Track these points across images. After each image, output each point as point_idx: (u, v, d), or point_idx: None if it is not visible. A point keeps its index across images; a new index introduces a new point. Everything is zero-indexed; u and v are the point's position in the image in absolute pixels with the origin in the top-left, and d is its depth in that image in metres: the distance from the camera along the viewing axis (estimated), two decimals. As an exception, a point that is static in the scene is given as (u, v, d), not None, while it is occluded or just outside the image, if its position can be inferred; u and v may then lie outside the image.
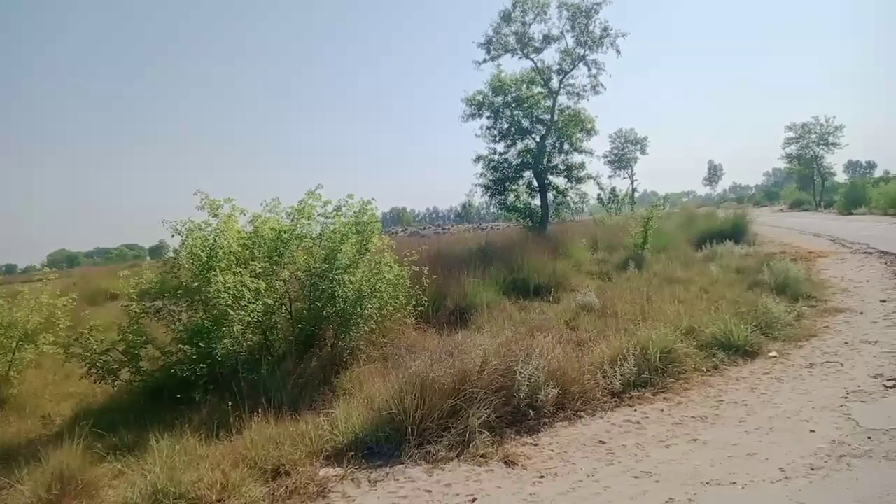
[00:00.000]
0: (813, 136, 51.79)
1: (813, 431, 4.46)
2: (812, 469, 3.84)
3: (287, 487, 4.11)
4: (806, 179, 57.62)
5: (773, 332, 7.23)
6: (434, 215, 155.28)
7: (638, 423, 4.97)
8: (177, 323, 6.77)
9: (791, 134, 53.36)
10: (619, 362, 5.83)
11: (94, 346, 6.55)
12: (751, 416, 4.90)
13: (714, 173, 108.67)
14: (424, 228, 59.57)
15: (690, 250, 15.84)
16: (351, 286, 7.28)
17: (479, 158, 20.41)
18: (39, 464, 4.44)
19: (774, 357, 6.53)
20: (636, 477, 4.00)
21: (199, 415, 5.64)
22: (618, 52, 19.13)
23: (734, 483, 3.75)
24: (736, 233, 18.24)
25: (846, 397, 5.09)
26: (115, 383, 6.68)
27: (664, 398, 5.49)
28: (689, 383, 5.82)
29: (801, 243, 17.74)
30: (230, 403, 5.42)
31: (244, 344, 6.66)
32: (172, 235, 6.95)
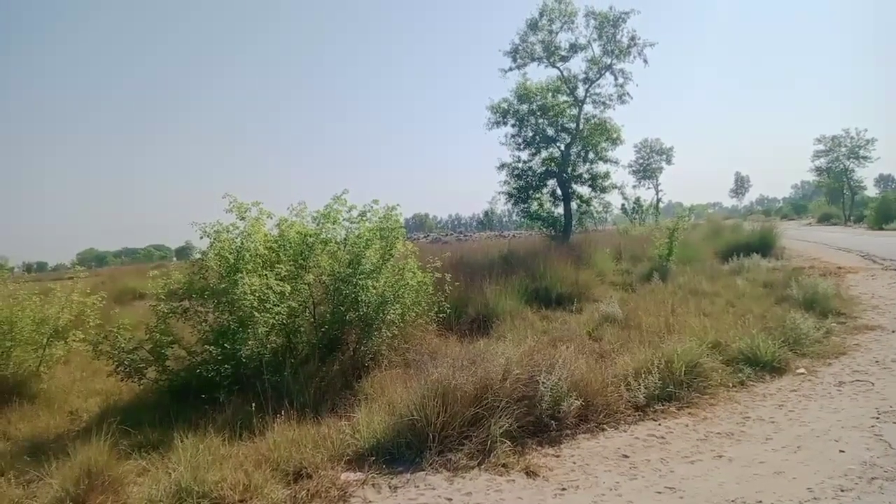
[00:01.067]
0: (843, 148, 50.91)
1: (843, 452, 4.37)
2: (842, 490, 3.76)
3: (309, 490, 4.14)
4: (835, 193, 56.61)
5: (801, 349, 7.10)
6: (456, 222, 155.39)
7: (662, 437, 4.91)
8: (203, 323, 6.86)
9: (820, 147, 52.54)
10: (643, 375, 5.76)
11: (123, 345, 6.66)
12: (778, 434, 4.82)
13: (741, 185, 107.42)
14: (446, 235, 59.60)
15: (716, 263, 15.65)
16: (374, 291, 7.32)
17: (503, 166, 20.47)
18: (68, 458, 4.51)
19: (803, 374, 6.41)
20: (660, 493, 3.95)
21: (222, 415, 5.70)
22: (645, 61, 19.10)
23: (760, 502, 3.69)
24: (763, 246, 17.97)
25: (878, 417, 4.98)
26: (142, 381, 6.78)
27: (689, 413, 5.42)
28: (714, 398, 5.74)
29: (830, 258, 17.40)
30: (253, 404, 5.49)
31: (268, 346, 6.72)
32: (201, 237, 7.06)
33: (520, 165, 20.33)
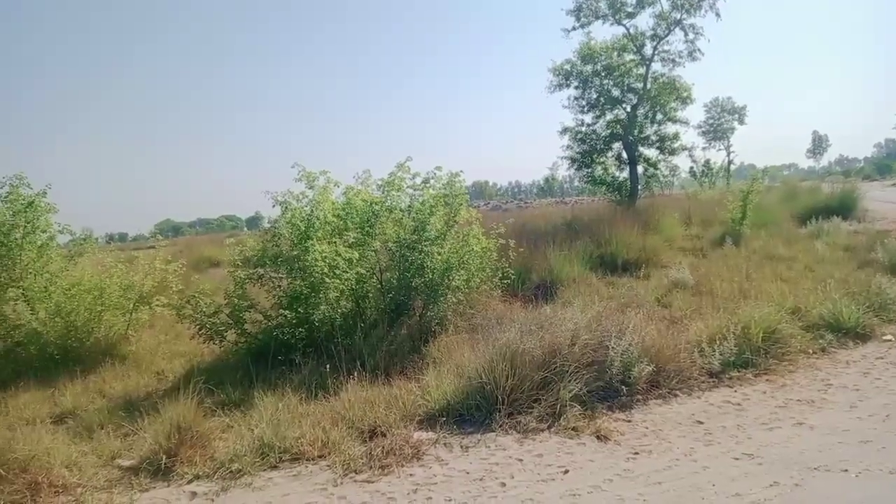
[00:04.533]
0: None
1: (936, 421, 4.16)
2: (936, 460, 3.58)
3: (383, 448, 4.28)
4: (926, 151, 52.48)
5: (887, 315, 6.75)
6: (516, 189, 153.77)
7: (738, 404, 4.80)
8: (277, 289, 7.12)
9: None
10: (717, 341, 5.61)
11: (204, 309, 7.02)
12: (863, 402, 4.63)
13: (819, 145, 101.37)
14: (506, 202, 59.24)
15: (793, 226, 14.95)
16: (439, 257, 7.40)
17: (565, 130, 19.94)
18: (158, 415, 4.81)
19: (890, 341, 6.10)
20: (737, 458, 3.88)
21: (298, 375, 5.94)
22: (717, 15, 18.10)
23: (846, 471, 3.57)
24: (843, 208, 17.05)
25: (974, 386, 4.69)
26: (222, 344, 7.14)
27: (767, 380, 5.27)
28: (794, 365, 5.55)
29: (919, 221, 16.27)
30: (327, 366, 5.71)
31: (339, 310, 6.94)
32: (273, 206, 7.29)
33: (583, 129, 19.72)
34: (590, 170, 19.77)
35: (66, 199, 8.79)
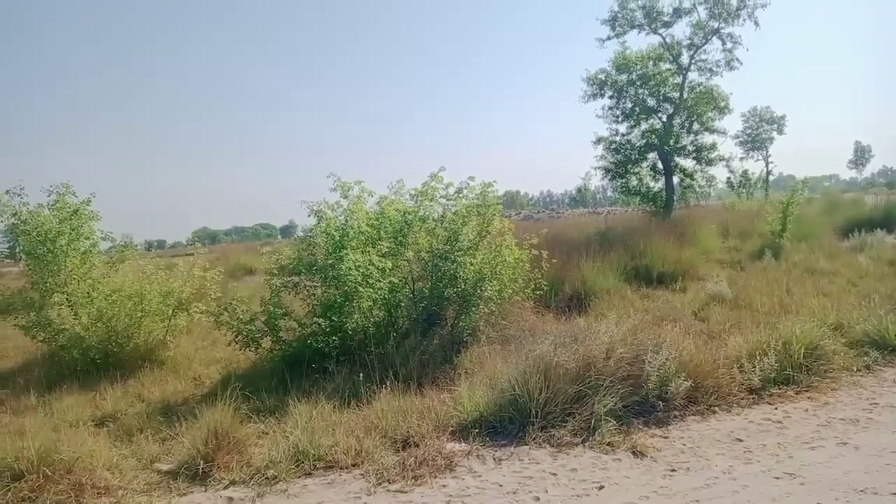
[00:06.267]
0: None
1: None
2: None
3: (416, 458, 4.28)
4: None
5: (937, 333, 6.47)
6: (548, 199, 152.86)
7: (779, 422, 4.67)
8: (312, 297, 7.21)
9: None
10: (757, 357, 5.48)
11: (241, 316, 7.14)
12: (912, 423, 4.45)
13: (861, 155, 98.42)
14: (538, 212, 58.89)
15: (835, 240, 14.55)
16: (472, 267, 7.39)
17: (599, 140, 19.77)
18: (195, 420, 4.91)
19: (940, 360, 5.86)
20: (778, 478, 3.77)
21: (332, 383, 6.00)
22: (756, 24, 17.77)
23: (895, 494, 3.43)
24: (888, 221, 16.56)
25: None
26: (258, 351, 7.24)
27: (809, 397, 5.12)
28: (837, 383, 5.39)
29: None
30: (360, 374, 5.75)
31: (371, 319, 6.99)
32: (309, 215, 7.41)
33: (618, 139, 19.52)
34: (624, 180, 19.55)
35: (107, 206, 9.02)
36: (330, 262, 6.92)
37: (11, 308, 8.34)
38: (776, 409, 4.96)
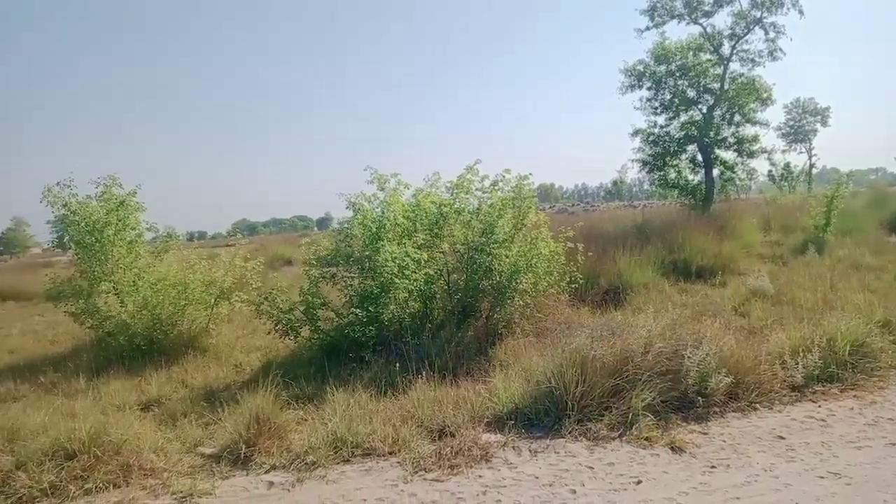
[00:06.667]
0: None
1: None
2: None
3: (452, 448, 4.32)
4: None
5: None
6: (582, 192, 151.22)
7: (823, 420, 4.56)
8: (349, 288, 7.31)
9: None
10: (801, 354, 5.34)
11: (280, 305, 7.29)
12: (967, 424, 4.30)
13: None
14: (572, 205, 58.37)
15: (881, 234, 14.05)
16: (507, 260, 7.38)
17: (636, 132, 19.44)
18: (237, 406, 5.03)
19: None
20: (822, 477, 3.69)
21: (368, 372, 6.08)
22: (801, 12, 17.19)
23: (948, 498, 3.33)
24: (939, 215, 15.86)
25: None
26: (297, 339, 7.39)
27: (854, 396, 4.98)
28: (884, 381, 5.23)
29: None
30: (397, 364, 5.82)
31: (407, 311, 7.06)
32: (347, 207, 7.50)
33: (656, 131, 19.17)
34: (662, 173, 19.19)
35: (149, 198, 9.29)
36: (367, 253, 7.02)
37: (62, 295, 8.66)
38: (820, 406, 4.84)
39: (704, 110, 18.32)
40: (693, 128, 18.30)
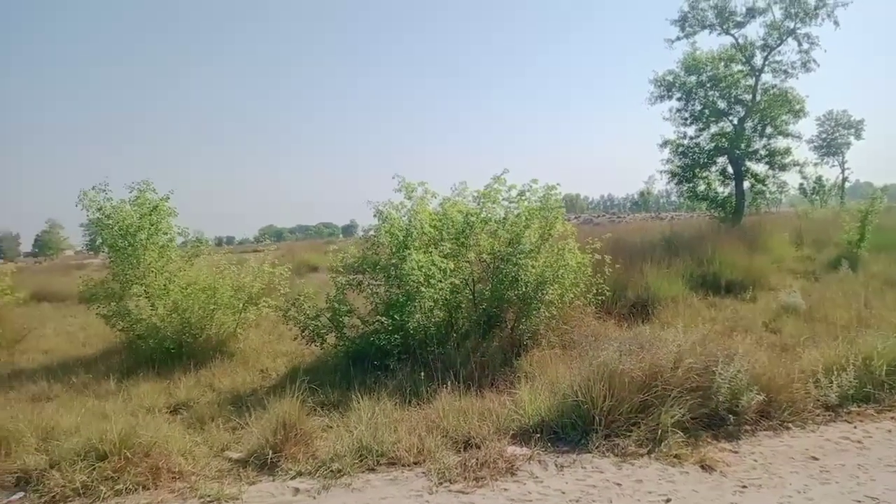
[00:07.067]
0: None
1: None
2: None
3: (478, 459, 4.29)
4: None
5: None
6: (608, 203, 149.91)
7: (859, 441, 4.44)
8: (375, 296, 7.35)
9: None
10: (835, 372, 5.21)
11: (307, 312, 7.35)
12: None
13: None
14: (598, 216, 57.90)
15: (919, 251, 13.64)
16: (533, 271, 7.33)
17: (665, 143, 19.27)
18: (264, 411, 5.08)
19: None
20: (858, 501, 3.58)
21: (393, 381, 6.08)
22: (836, 23, 16.87)
23: None
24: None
25: None
26: (322, 346, 7.44)
27: (892, 418, 4.85)
28: (924, 404, 5.05)
29: None
30: (422, 373, 5.81)
31: (432, 320, 7.06)
32: (374, 215, 7.53)
33: (685, 142, 18.98)
34: (691, 185, 18.97)
35: (179, 204, 9.45)
36: (393, 261, 7.04)
37: (94, 298, 8.84)
38: (855, 427, 4.71)
39: (735, 122, 18.09)
40: (724, 139, 18.06)
